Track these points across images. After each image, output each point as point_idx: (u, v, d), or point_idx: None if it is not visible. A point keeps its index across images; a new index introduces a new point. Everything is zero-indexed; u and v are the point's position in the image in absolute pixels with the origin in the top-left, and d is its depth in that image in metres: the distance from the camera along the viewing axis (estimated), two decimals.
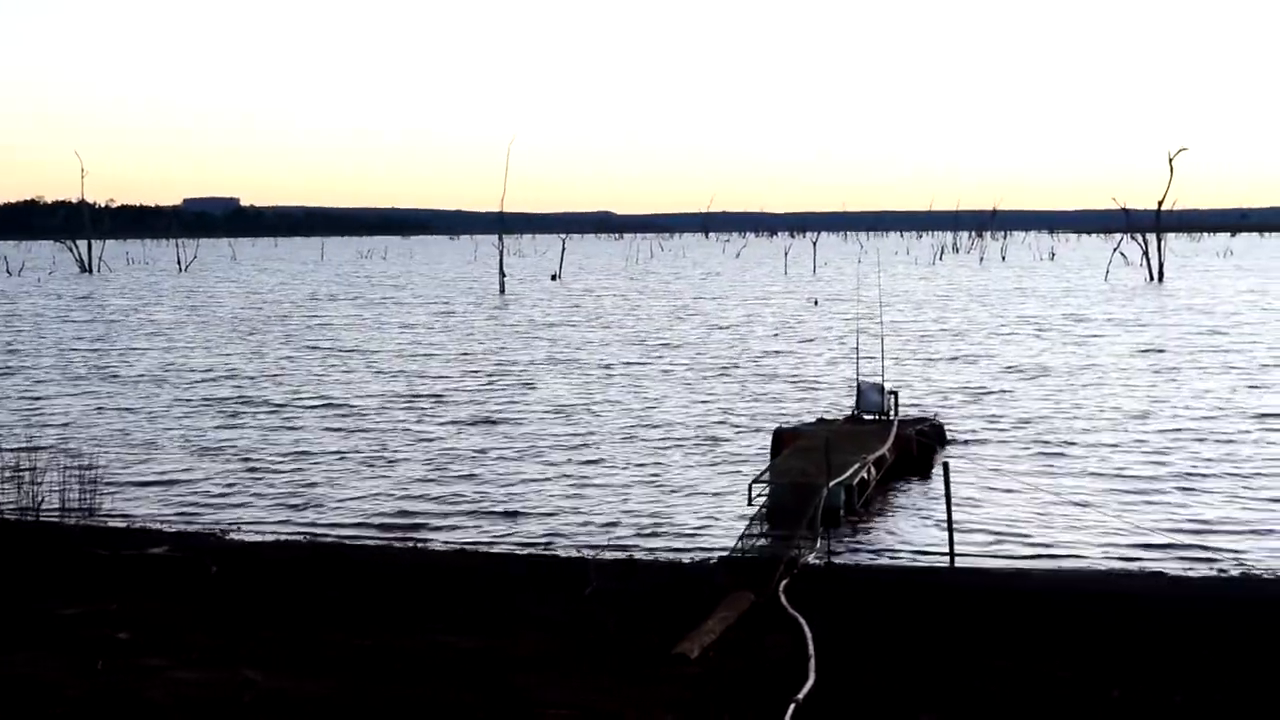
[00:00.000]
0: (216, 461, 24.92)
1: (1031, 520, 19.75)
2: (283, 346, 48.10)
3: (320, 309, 71.32)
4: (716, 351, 45.50)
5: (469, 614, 14.02)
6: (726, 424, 28.98)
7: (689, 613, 13.60)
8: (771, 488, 19.30)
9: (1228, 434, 26.76)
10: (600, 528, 19.53)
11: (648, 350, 46.18)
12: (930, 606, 14.40)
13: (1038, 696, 11.25)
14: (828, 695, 11.21)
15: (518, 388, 35.65)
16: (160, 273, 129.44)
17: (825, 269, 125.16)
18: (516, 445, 26.48)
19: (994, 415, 29.76)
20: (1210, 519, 19.75)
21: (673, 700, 11.13)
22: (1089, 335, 50.57)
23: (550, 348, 47.26)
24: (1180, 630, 13.37)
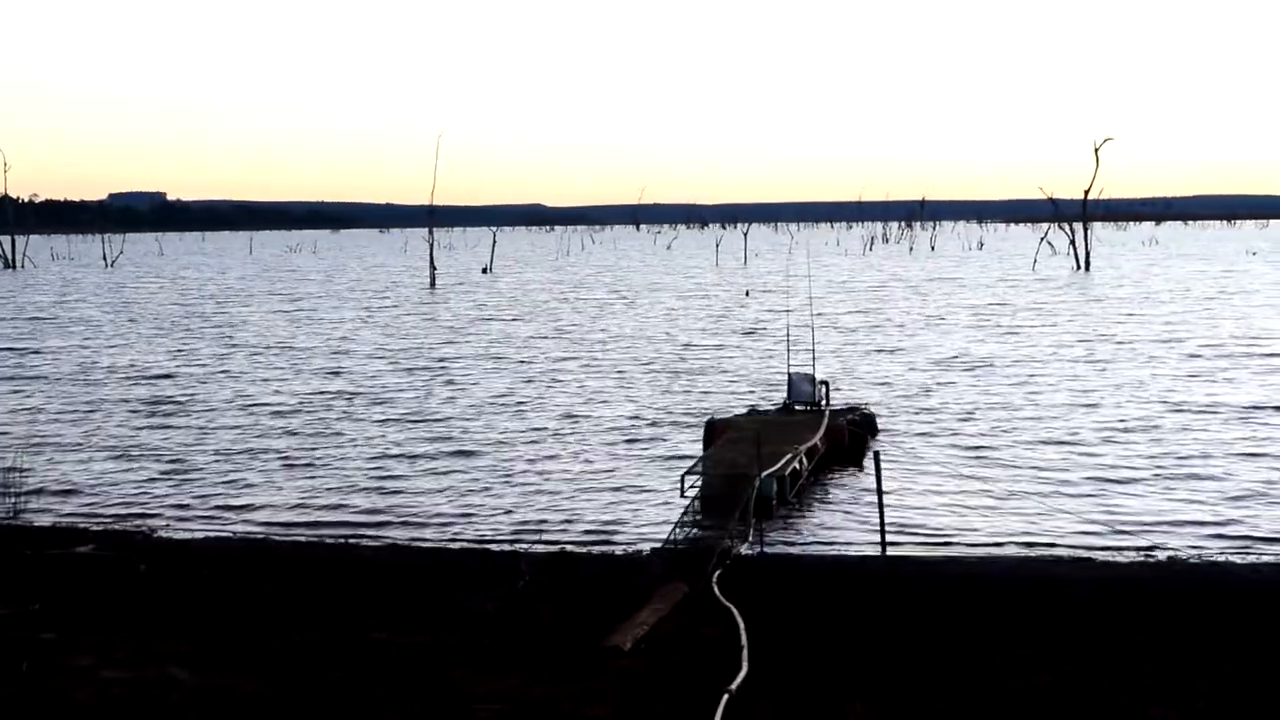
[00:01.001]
0: (144, 460, 24.65)
1: (962, 508, 19.88)
2: (210, 343, 47.64)
3: (248, 304, 70.71)
4: (648, 344, 45.50)
5: (402, 609, 13.95)
6: (659, 416, 28.99)
7: (622, 605, 13.61)
8: (704, 479, 19.33)
9: (1154, 423, 27.05)
10: (533, 522, 19.47)
11: (579, 344, 46.11)
12: (862, 595, 14.47)
13: (969, 682, 11.33)
14: (761, 684, 11.24)
15: (448, 383, 35.50)
16: (86, 268, 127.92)
17: (756, 260, 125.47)
18: (448, 441, 26.36)
19: (925, 405, 29.95)
20: (1137, 505, 19.96)
21: (606, 692, 11.13)
22: (1018, 325, 50.99)
23: (481, 342, 47.10)
24: (1108, 614, 13.52)
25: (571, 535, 18.61)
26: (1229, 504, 19.81)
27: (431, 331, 51.85)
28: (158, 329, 54.42)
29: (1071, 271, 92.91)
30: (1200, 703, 10.75)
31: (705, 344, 45.09)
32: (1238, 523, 18.72)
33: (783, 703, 10.90)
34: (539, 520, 19.54)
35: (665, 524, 18.07)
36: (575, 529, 19.03)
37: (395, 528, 19.36)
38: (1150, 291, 69.59)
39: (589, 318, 57.93)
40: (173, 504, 21.14)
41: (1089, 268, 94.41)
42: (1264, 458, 23.07)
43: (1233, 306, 57.61)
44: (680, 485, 19.35)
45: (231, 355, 43.16)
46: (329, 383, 35.42)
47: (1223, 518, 19.01)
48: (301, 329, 53.77)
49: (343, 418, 29.20)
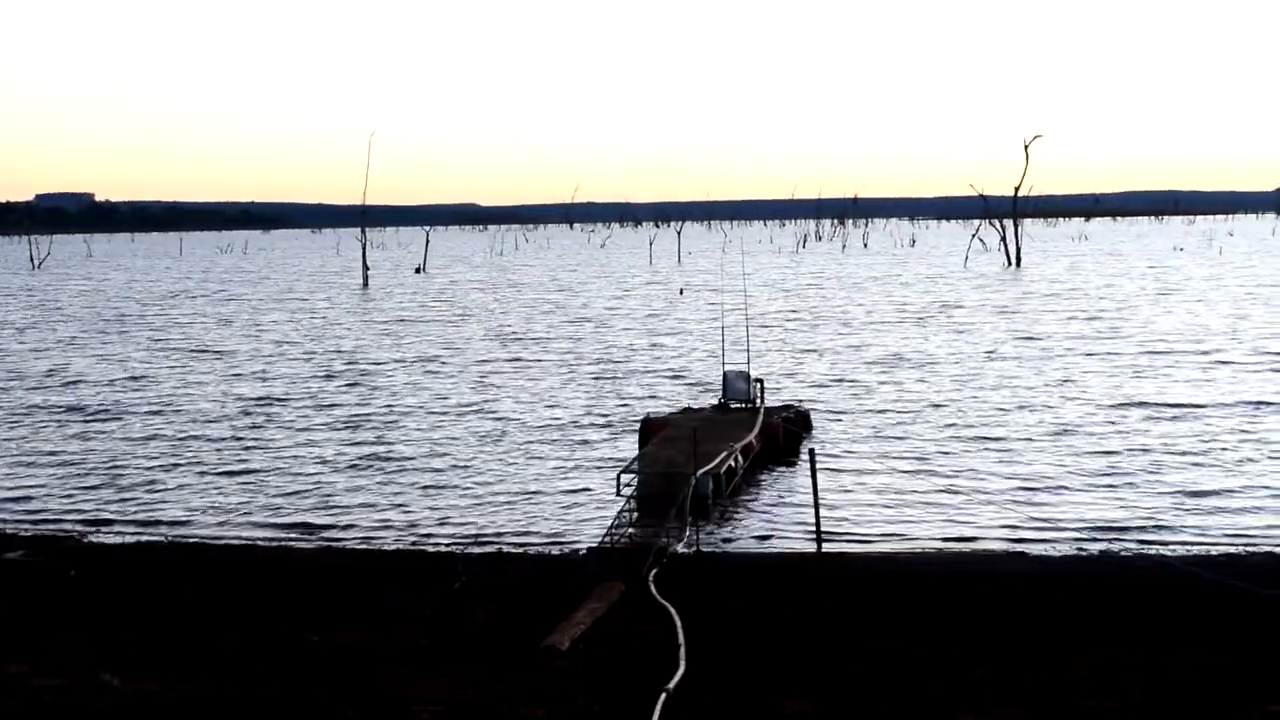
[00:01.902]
0: (73, 465, 24.34)
1: (896, 504, 20.00)
2: (138, 347, 47.14)
3: (178, 307, 70.06)
4: (583, 343, 45.49)
5: (337, 611, 13.87)
6: (594, 415, 28.98)
7: (559, 604, 13.59)
8: (640, 478, 19.34)
9: (1087, 420, 27.31)
10: (469, 522, 19.41)
11: (513, 343, 46.02)
12: (798, 592, 14.53)
13: (904, 677, 11.40)
14: (699, 683, 11.25)
15: (381, 384, 35.33)
16: (11, 271, 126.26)
17: (690, 259, 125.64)
18: (382, 443, 26.23)
19: (859, 403, 30.11)
20: (1071, 500, 20.14)
21: (543, 692, 11.10)
22: (951, 322, 51.36)
23: (415, 343, 46.91)
24: (1041, 608, 13.64)
25: (508, 535, 18.57)
26: (1161, 499, 20.03)
27: (364, 332, 51.57)
28: (85, 332, 53.79)
29: (1003, 268, 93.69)
30: (1135, 694, 10.86)
31: (640, 343, 45.12)
32: (1170, 518, 18.93)
33: (720, 700, 10.91)
34: (474, 521, 19.48)
35: (602, 523, 18.07)
36: (511, 529, 18.99)
37: (329, 530, 19.24)
38: (1081, 288, 70.24)
39: (523, 318, 57.82)
40: (103, 509, 20.89)
41: (1020, 264, 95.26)
42: (1195, 454, 23.34)
43: (1163, 303, 58.24)
44: (616, 484, 19.35)
45: (160, 359, 42.70)
46: (260, 386, 35.13)
47: (1155, 513, 19.21)
48: (232, 331, 53.32)
49: (274, 421, 28.97)
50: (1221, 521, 18.60)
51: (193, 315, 62.75)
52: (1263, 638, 12.38)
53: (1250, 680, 11.16)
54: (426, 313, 61.63)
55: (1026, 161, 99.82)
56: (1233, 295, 61.61)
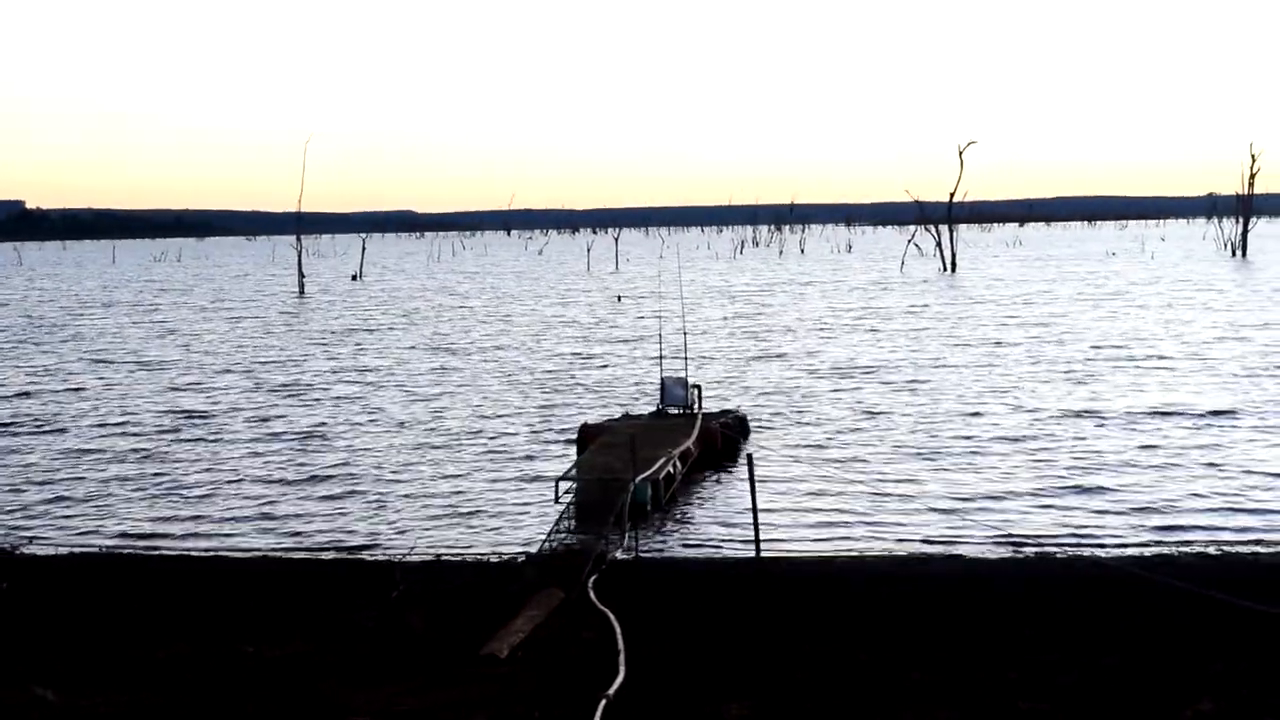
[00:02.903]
0: (4, 478, 24.04)
1: (834, 508, 20.08)
2: (70, 358, 46.59)
3: (111, 316, 69.32)
4: (520, 350, 45.40)
5: (273, 621, 13.77)
6: (532, 422, 28.91)
7: (498, 612, 13.56)
8: (578, 484, 19.33)
9: (1024, 423, 27.54)
10: (407, 530, 19.33)
11: (450, 351, 45.85)
12: (737, 597, 14.56)
13: (842, 681, 11.45)
14: (639, 689, 11.26)
15: (317, 393, 35.13)
16: None
17: (628, 265, 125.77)
18: (317, 451, 26.08)
19: (797, 407, 30.20)
20: (1007, 503, 20.28)
21: (483, 700, 11.07)
22: (888, 328, 51.63)
23: (352, 351, 46.67)
24: (978, 610, 13.74)
25: (446, 543, 18.50)
26: (1096, 501, 20.22)
27: (300, 341, 51.24)
28: (14, 342, 53.13)
29: (938, 273, 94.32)
30: (1068, 695, 10.96)
31: (578, 350, 45.08)
32: (1106, 520, 19.11)
33: (660, 706, 10.92)
34: (412, 529, 19.40)
35: (540, 531, 18.06)
36: (449, 537, 18.92)
37: (266, 540, 19.10)
38: (1017, 293, 70.80)
39: (460, 325, 57.64)
40: (35, 521, 20.64)
41: (955, 269, 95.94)
42: (1129, 456, 23.58)
43: (1098, 308, 58.75)
44: (554, 492, 19.32)
45: (93, 370, 42.25)
46: (194, 397, 34.80)
47: (1090, 515, 19.39)
48: (166, 341, 52.82)
49: (208, 432, 28.69)
50: (1156, 522, 18.80)
51: (126, 325, 62.11)
52: (1195, 636, 12.53)
53: (1182, 678, 11.29)
54: (363, 321, 61.31)
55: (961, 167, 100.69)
56: (1167, 299, 62.27)
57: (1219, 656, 11.86)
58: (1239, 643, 12.28)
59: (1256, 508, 19.52)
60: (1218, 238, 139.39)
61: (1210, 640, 12.38)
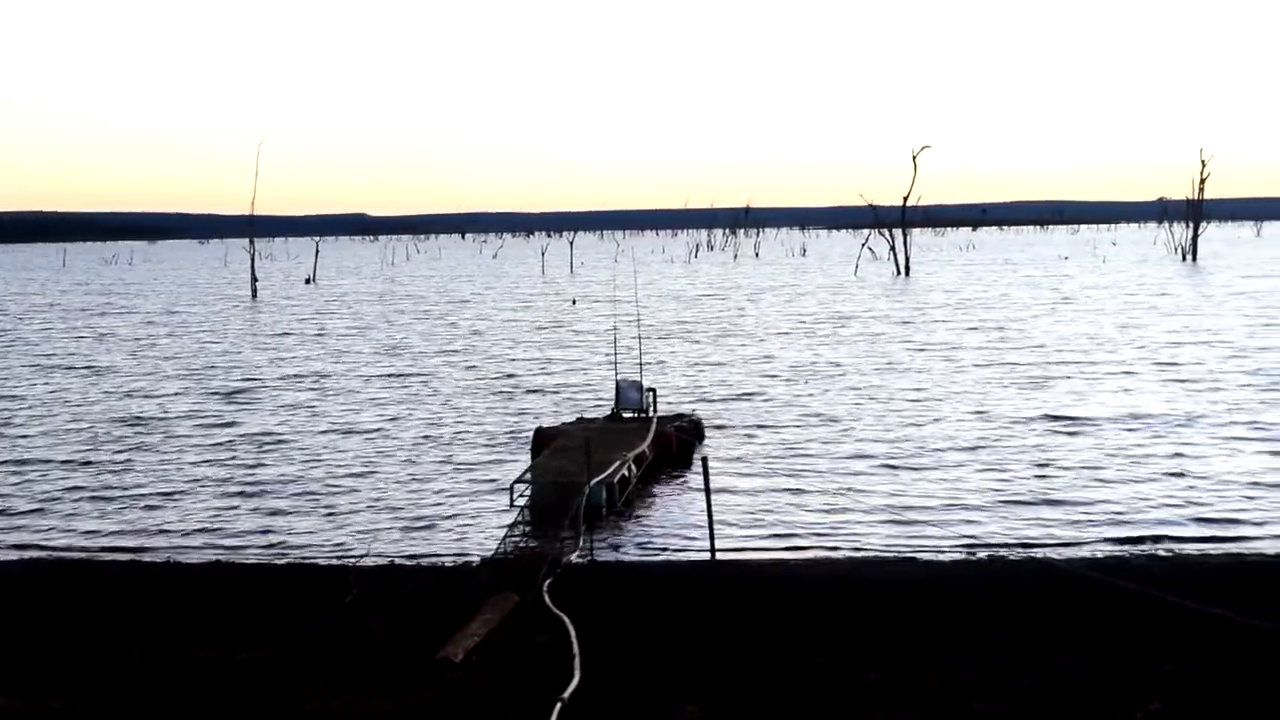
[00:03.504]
0: None
1: (789, 511, 20.13)
2: (19, 363, 46.22)
3: (59, 321, 68.78)
4: (475, 353, 45.32)
5: (227, 627, 13.69)
6: (487, 426, 28.86)
7: (453, 616, 13.53)
8: (533, 488, 19.32)
9: (978, 426, 27.69)
10: (362, 535, 19.25)
11: (405, 355, 45.72)
12: (693, 600, 14.57)
13: (798, 683, 11.48)
14: (594, 692, 11.26)
15: (271, 397, 34.96)
16: None
17: (582, 269, 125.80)
18: (271, 456, 25.95)
19: (752, 411, 30.27)
20: (961, 506, 20.39)
21: (437, 704, 11.05)
22: (842, 331, 51.81)
23: (305, 355, 46.46)
24: (933, 612, 13.80)
25: (400, 548, 18.43)
26: (1052, 504, 20.34)
27: (253, 345, 50.96)
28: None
29: (892, 277, 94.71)
30: (1024, 697, 11.03)
31: (533, 353, 45.04)
32: (1060, 523, 19.24)
33: (616, 709, 10.92)
34: (367, 533, 19.32)
35: (495, 534, 18.02)
36: (404, 541, 18.86)
37: (218, 545, 18.98)
38: (970, 297, 71.20)
39: (414, 329, 57.47)
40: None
41: (909, 273, 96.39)
42: (1086, 460, 23.74)
43: (1051, 312, 59.12)
44: (509, 495, 19.30)
45: (41, 375, 41.88)
46: (145, 403, 34.54)
47: (1045, 517, 19.52)
48: (116, 346, 52.41)
49: (160, 438, 28.46)
50: (1108, 525, 18.93)
51: (74, 329, 61.59)
52: (1145, 637, 12.63)
53: (1133, 679, 11.38)
54: (317, 325, 61.03)
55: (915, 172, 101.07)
56: (1121, 304, 62.73)
57: (1168, 657, 11.96)
58: (1188, 644, 12.39)
59: (1207, 511, 19.69)
60: (1168, 242, 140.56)
61: (1160, 641, 12.48)
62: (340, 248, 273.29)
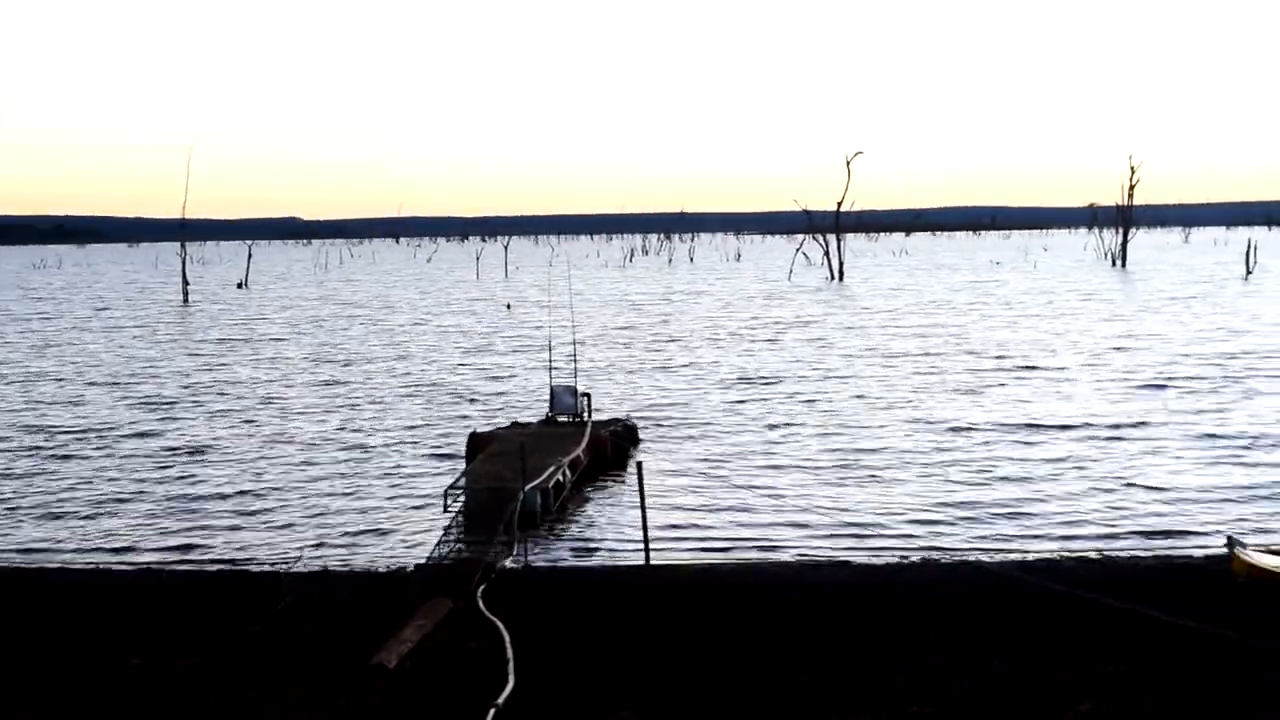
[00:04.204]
0: None
1: (723, 516, 20.17)
2: None
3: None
4: (409, 358, 45.11)
5: (159, 634, 13.56)
6: (421, 432, 28.74)
7: (387, 622, 13.47)
8: (467, 493, 19.25)
9: (912, 430, 27.87)
10: (295, 541, 19.13)
11: (339, 360, 45.45)
12: (627, 604, 14.57)
13: (734, 687, 11.50)
14: (528, 697, 11.23)
15: (203, 404, 34.64)
16: None
17: (517, 273, 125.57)
18: (206, 464, 25.72)
19: (686, 416, 30.31)
20: (894, 511, 20.51)
21: (372, 710, 10.99)
22: (776, 337, 51.98)
23: (237, 360, 46.09)
24: (866, 616, 13.86)
25: (334, 553, 18.33)
26: (985, 509, 20.51)
27: (185, 351, 50.47)
28: None
29: (826, 282, 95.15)
30: (956, 697, 11.10)
31: (467, 358, 44.89)
32: (992, 525, 19.40)
33: (550, 714, 10.90)
34: (301, 539, 19.20)
35: (430, 540, 17.94)
36: (338, 547, 18.76)
37: (150, 553, 18.79)
38: (905, 303, 71.63)
39: (348, 334, 57.14)
40: None
41: (843, 278, 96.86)
42: (1020, 465, 23.96)
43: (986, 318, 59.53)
44: (443, 500, 19.22)
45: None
46: (74, 410, 34.15)
47: (978, 521, 19.68)
48: (44, 353, 51.76)
49: (89, 446, 28.13)
50: (1040, 529, 19.10)
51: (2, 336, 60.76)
52: (1076, 638, 12.74)
53: (1066, 680, 11.48)
54: (249, 330, 60.53)
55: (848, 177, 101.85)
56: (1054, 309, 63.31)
57: (1100, 659, 12.08)
58: (1119, 645, 12.52)
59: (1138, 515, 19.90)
60: (1099, 248, 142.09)
61: (1092, 643, 12.60)
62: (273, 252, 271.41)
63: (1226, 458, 23.91)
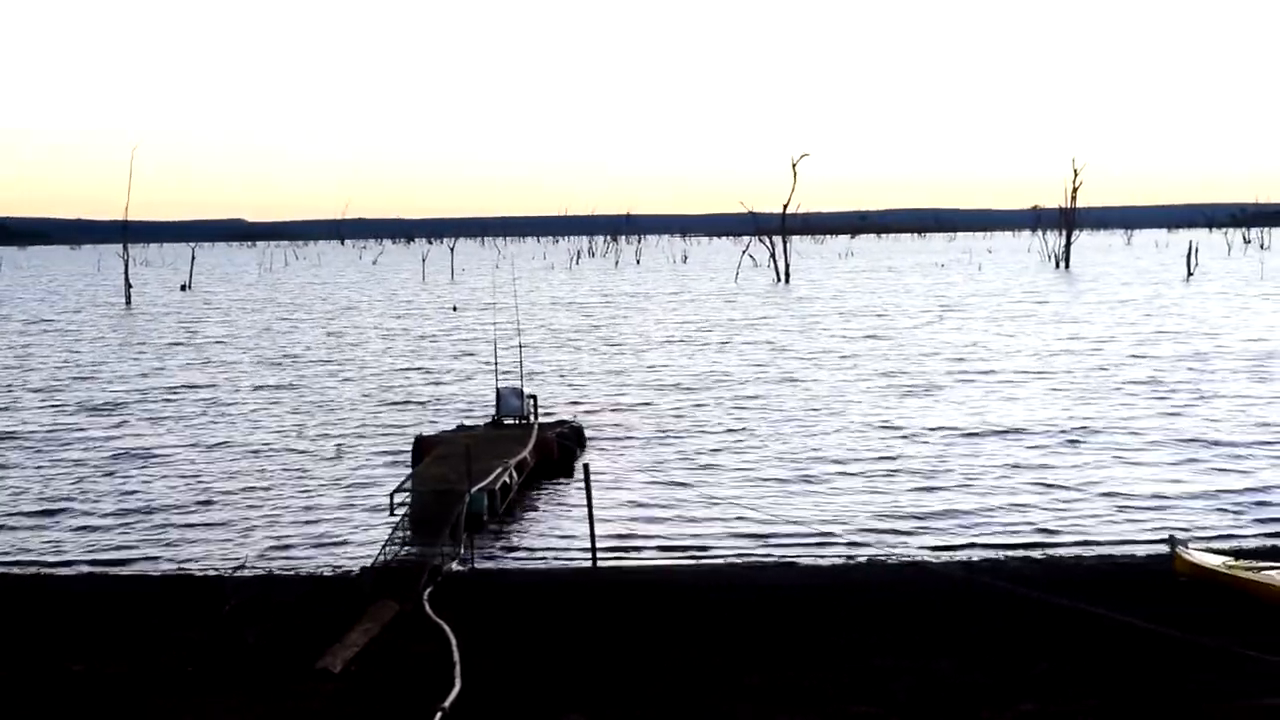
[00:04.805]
0: None
1: (670, 518, 20.19)
2: None
3: None
4: (355, 361, 44.89)
5: (102, 640, 13.44)
6: (367, 434, 28.60)
7: (332, 626, 13.40)
8: (414, 496, 19.16)
9: (858, 432, 27.98)
10: (241, 544, 18.99)
11: (284, 363, 45.18)
12: (574, 606, 14.57)
13: (681, 688, 11.51)
14: (475, 701, 11.21)
15: (147, 407, 34.35)
16: None
17: (464, 275, 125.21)
18: (149, 465, 25.50)
19: (633, 416, 30.32)
20: (840, 511, 20.59)
21: (315, 715, 10.95)
22: (723, 339, 52.06)
23: (180, 364, 45.72)
24: (813, 616, 13.92)
25: (280, 557, 18.23)
26: (928, 510, 20.62)
27: (128, 354, 50.04)
28: None
29: (772, 284, 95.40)
30: (900, 696, 11.16)
31: (413, 360, 44.72)
32: (937, 526, 19.51)
33: (497, 717, 10.88)
34: (246, 543, 19.07)
35: (376, 543, 17.86)
36: (284, 551, 18.64)
37: (93, 558, 18.61)
38: (852, 306, 71.90)
39: (293, 336, 56.80)
40: None
41: (789, 280, 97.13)
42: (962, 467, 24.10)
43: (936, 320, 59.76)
44: (390, 503, 19.14)
45: None
46: (12, 415, 33.81)
47: (920, 522, 19.78)
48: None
49: (30, 450, 27.86)
50: (984, 530, 19.22)
51: None
52: (1020, 638, 12.84)
53: (1009, 679, 11.56)
54: (193, 333, 60.05)
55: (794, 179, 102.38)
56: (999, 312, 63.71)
57: (1043, 657, 12.18)
58: (1062, 644, 12.62)
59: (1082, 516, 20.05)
60: (1042, 250, 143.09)
61: (1035, 642, 12.70)
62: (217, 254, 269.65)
63: (1172, 459, 24.11)
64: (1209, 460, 23.90)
